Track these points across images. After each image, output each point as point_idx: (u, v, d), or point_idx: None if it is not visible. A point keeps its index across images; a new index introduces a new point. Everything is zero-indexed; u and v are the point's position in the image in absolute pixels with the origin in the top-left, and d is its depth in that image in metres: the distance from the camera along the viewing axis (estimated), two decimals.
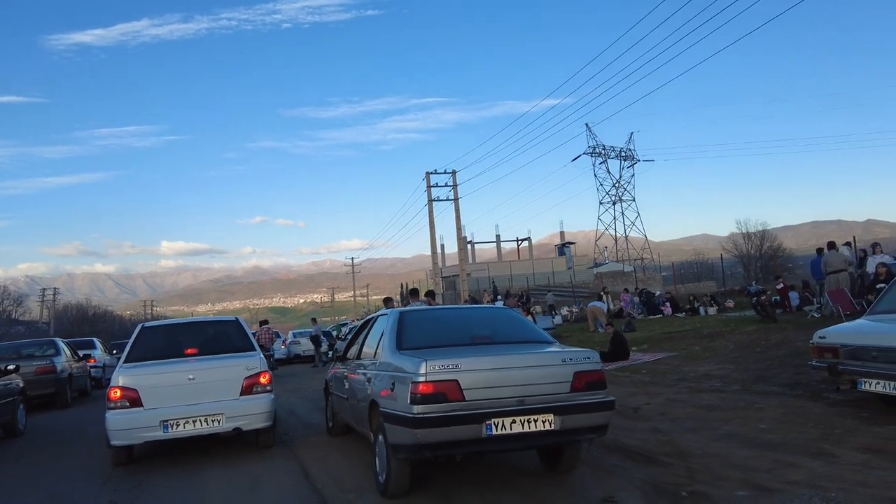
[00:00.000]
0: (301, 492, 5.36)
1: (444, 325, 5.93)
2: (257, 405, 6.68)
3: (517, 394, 4.59)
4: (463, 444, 4.50)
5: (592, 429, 4.80)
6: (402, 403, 4.59)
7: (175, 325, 7.94)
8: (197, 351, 7.11)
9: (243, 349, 7.18)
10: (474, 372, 4.55)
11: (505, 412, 4.52)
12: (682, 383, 9.66)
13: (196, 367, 6.66)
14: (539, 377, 4.70)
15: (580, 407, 4.69)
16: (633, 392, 9.20)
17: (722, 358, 11.72)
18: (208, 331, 7.71)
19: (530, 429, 4.57)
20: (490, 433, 4.48)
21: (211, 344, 7.32)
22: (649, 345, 15.26)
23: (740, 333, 14.16)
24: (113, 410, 6.44)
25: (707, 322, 18.54)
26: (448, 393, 4.46)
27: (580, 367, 4.79)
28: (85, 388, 15.75)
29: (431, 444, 4.45)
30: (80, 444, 8.37)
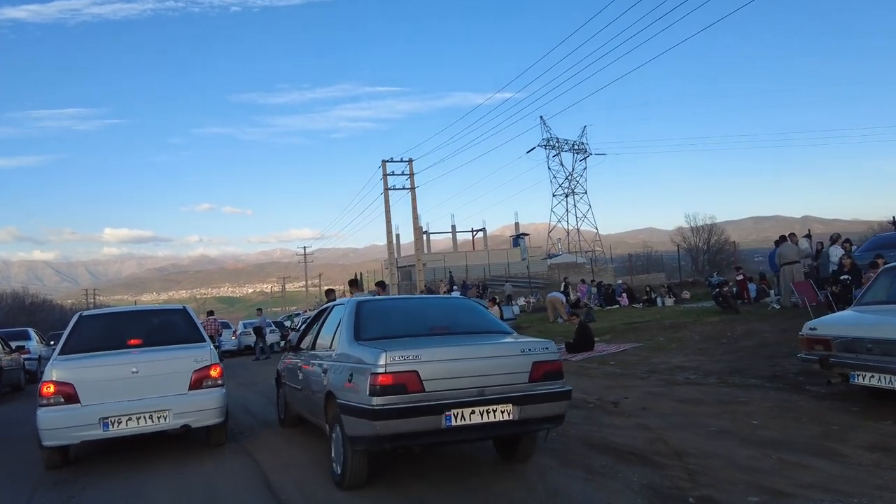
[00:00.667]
0: (262, 499, 4.73)
1: (403, 315, 5.78)
2: (208, 400, 6.09)
3: (476, 384, 4.57)
4: (423, 436, 4.46)
5: (550, 418, 4.82)
6: (360, 395, 4.49)
7: (117, 313, 7.21)
8: (141, 342, 6.42)
9: (192, 340, 6.56)
10: (434, 363, 4.49)
11: (464, 403, 4.49)
12: (654, 375, 9.39)
13: (140, 359, 6.01)
14: (498, 368, 4.68)
15: (538, 397, 4.71)
16: (608, 385, 8.87)
17: (690, 349, 11.59)
18: (153, 320, 7.01)
19: (489, 419, 4.56)
20: (449, 424, 4.45)
21: (156, 334, 6.64)
22: (612, 335, 15.11)
23: (703, 324, 14.15)
24: (45, 408, 5.71)
25: (666, 313, 18.56)
26: (408, 384, 4.40)
27: (538, 357, 4.80)
28: (18, 383, 14.55)
29: (391, 435, 4.39)
30: (8, 445, 7.50)
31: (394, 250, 45.84)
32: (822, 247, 16.60)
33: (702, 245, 54.07)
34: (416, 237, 42.61)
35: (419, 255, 42.21)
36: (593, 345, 13.11)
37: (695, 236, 55.42)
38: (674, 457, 5.16)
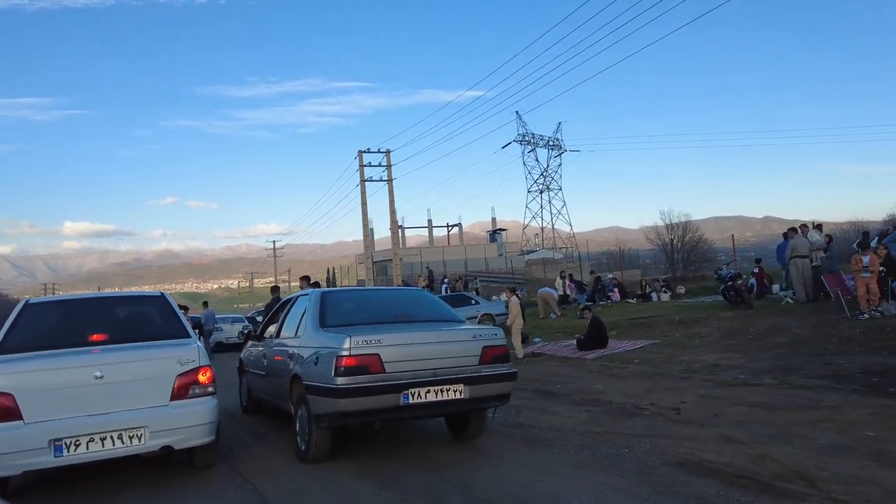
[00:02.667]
0: None
1: (365, 304, 6.37)
2: (195, 413, 4.76)
3: (432, 366, 5.11)
4: (383, 412, 4.99)
5: (497, 397, 5.41)
6: (326, 376, 4.95)
7: (75, 301, 5.67)
8: (107, 337, 5.03)
9: (174, 335, 5.20)
10: (394, 347, 5.00)
11: (421, 383, 5.02)
12: (697, 375, 8.44)
13: (106, 360, 4.62)
14: (452, 352, 5.23)
15: (487, 378, 5.29)
16: (649, 387, 7.90)
17: (717, 346, 10.82)
18: (123, 310, 5.63)
19: (443, 398, 5.12)
20: (407, 402, 4.97)
21: (128, 328, 5.28)
22: (618, 331, 14.30)
23: (718, 320, 13.40)
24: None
25: (665, 308, 17.74)
26: (370, 366, 4.90)
27: (488, 342, 5.37)
28: None
29: (354, 412, 4.90)
30: None
31: (370, 244, 44.42)
32: (831, 239, 15.85)
33: (676, 242, 53.93)
34: (393, 230, 41.23)
35: (396, 250, 40.84)
36: (607, 341, 12.12)
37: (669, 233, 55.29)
38: (803, 482, 4.04)
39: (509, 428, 6.30)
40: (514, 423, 6.50)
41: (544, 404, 7.38)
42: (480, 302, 18.82)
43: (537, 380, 9.21)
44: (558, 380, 9.09)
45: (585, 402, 7.32)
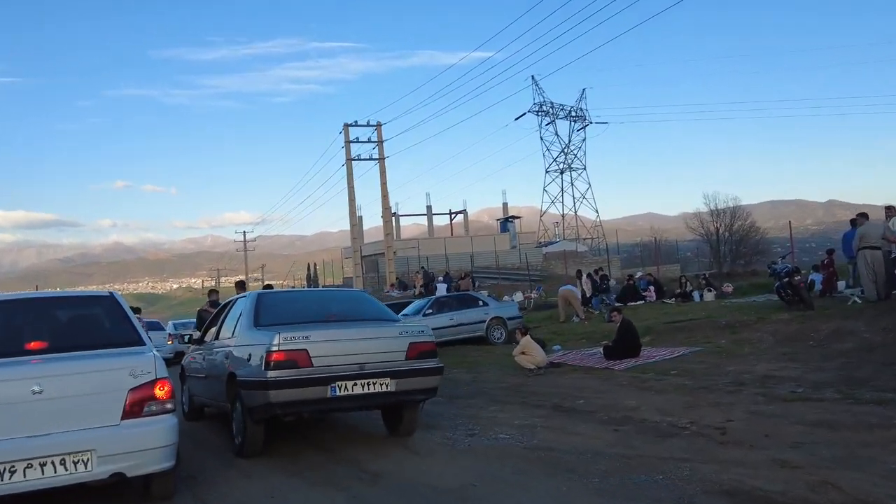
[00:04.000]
0: None
1: (299, 305, 7.84)
2: (151, 435, 4.82)
3: (359, 361, 6.38)
4: (311, 403, 6.32)
5: (424, 391, 6.78)
6: (257, 370, 6.21)
7: (7, 302, 5.65)
8: (47, 345, 5.08)
9: (126, 342, 5.27)
10: (321, 343, 6.28)
11: (348, 376, 6.30)
12: (745, 388, 8.48)
13: (46, 371, 4.66)
14: (378, 347, 6.55)
15: (413, 372, 6.58)
16: (690, 403, 7.93)
17: (770, 354, 10.91)
18: (66, 313, 5.71)
19: (370, 390, 6.40)
20: (335, 394, 6.26)
21: (71, 334, 5.36)
22: (653, 337, 14.39)
23: (772, 323, 13.44)
24: None
25: (709, 310, 17.79)
26: (299, 360, 6.14)
27: (414, 339, 6.69)
28: None
29: (283, 402, 6.16)
30: None
31: (358, 235, 44.51)
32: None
33: (723, 232, 53.91)
34: (386, 218, 41.35)
35: (389, 242, 40.94)
36: (639, 349, 12.16)
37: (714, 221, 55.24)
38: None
39: (523, 450, 6.35)
40: (529, 444, 6.54)
41: (564, 423, 7.41)
42: (489, 303, 18.85)
43: (556, 394, 9.25)
44: (581, 394, 9.12)
45: (613, 420, 7.35)
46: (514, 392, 9.84)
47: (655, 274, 27.91)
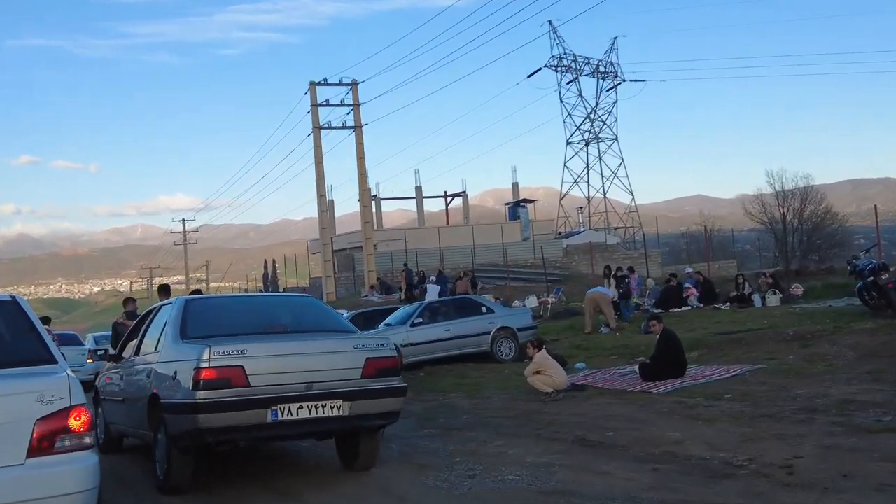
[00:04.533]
0: None
1: (234, 313, 8.20)
2: (65, 477, 4.84)
3: (305, 379, 6.70)
4: (247, 430, 6.59)
5: (383, 415, 7.14)
6: (184, 391, 6.49)
7: None
8: None
9: (32, 360, 5.30)
10: (260, 358, 6.60)
11: (292, 398, 6.60)
12: (819, 417, 8.58)
13: None
14: (328, 363, 6.88)
15: (370, 393, 6.93)
16: (748, 435, 8.06)
17: (850, 373, 10.98)
18: None
19: (318, 414, 6.70)
20: (276, 418, 6.55)
21: None
22: (702, 351, 14.56)
23: (852, 334, 13.63)
24: None
25: (773, 317, 17.92)
26: (233, 379, 6.42)
27: (372, 353, 7.06)
28: None
29: (215, 429, 6.41)
30: None
31: (328, 224, 44.60)
32: None
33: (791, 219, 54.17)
34: (364, 203, 41.49)
35: (368, 233, 41.06)
36: (684, 367, 12.22)
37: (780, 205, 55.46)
38: None
39: (537, 495, 6.38)
40: (545, 487, 6.59)
41: (590, 460, 7.46)
42: (495, 310, 18.92)
43: (580, 424, 9.29)
44: (611, 424, 9.17)
45: (651, 457, 7.39)
46: (527, 421, 9.88)
47: (706, 272, 27.96)
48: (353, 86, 39.29)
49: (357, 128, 39.58)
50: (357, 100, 39.43)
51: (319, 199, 41.28)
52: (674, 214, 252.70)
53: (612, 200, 72.20)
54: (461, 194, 61.48)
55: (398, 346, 16.77)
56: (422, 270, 37.99)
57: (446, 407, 11.82)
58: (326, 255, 42.17)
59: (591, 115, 69.82)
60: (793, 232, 53.59)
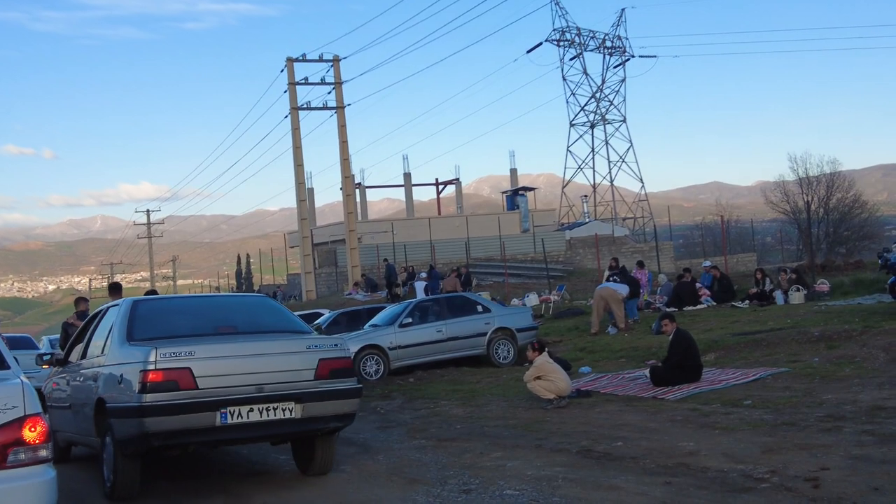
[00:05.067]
0: None
1: (183, 315, 8.62)
2: (19, 493, 4.95)
3: (256, 381, 7.19)
4: (196, 433, 7.02)
5: (338, 417, 7.66)
6: (130, 394, 6.95)
7: None
8: None
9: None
10: (209, 360, 7.08)
11: (242, 400, 7.08)
12: (846, 425, 8.65)
13: None
14: (280, 365, 7.40)
15: (324, 394, 7.44)
16: (769, 445, 8.13)
17: (882, 378, 11.08)
18: None
19: (270, 417, 7.20)
20: (226, 421, 7.00)
21: None
22: (718, 354, 14.61)
23: (883, 334, 13.73)
24: None
25: (796, 316, 17.95)
26: (180, 381, 6.86)
27: (325, 354, 7.60)
28: None
29: (162, 432, 6.87)
30: None
31: (307, 215, 44.59)
32: None
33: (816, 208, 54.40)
34: (347, 191, 41.51)
35: (352, 224, 41.11)
36: (700, 371, 12.27)
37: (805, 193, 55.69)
38: None
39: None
40: (548, 502, 6.62)
41: (596, 473, 7.48)
42: (493, 309, 18.95)
43: (585, 434, 9.34)
44: (619, 434, 9.21)
45: (664, 469, 7.43)
46: (527, 431, 9.92)
47: (722, 267, 28.03)
48: (334, 62, 39.27)
49: (339, 108, 39.54)
50: (339, 77, 39.41)
51: (298, 188, 41.27)
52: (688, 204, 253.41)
53: (619, 188, 72.39)
54: (454, 182, 61.49)
55: (386, 349, 16.88)
56: (410, 266, 38.02)
57: (439, 415, 11.84)
58: (306, 248, 42.18)
59: (597, 94, 69.90)
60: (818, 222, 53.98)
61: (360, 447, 9.92)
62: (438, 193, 62.84)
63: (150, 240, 73.93)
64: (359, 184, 53.90)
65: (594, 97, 69.87)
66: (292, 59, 39.44)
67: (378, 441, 10.22)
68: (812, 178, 55.07)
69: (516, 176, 62.31)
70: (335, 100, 39.53)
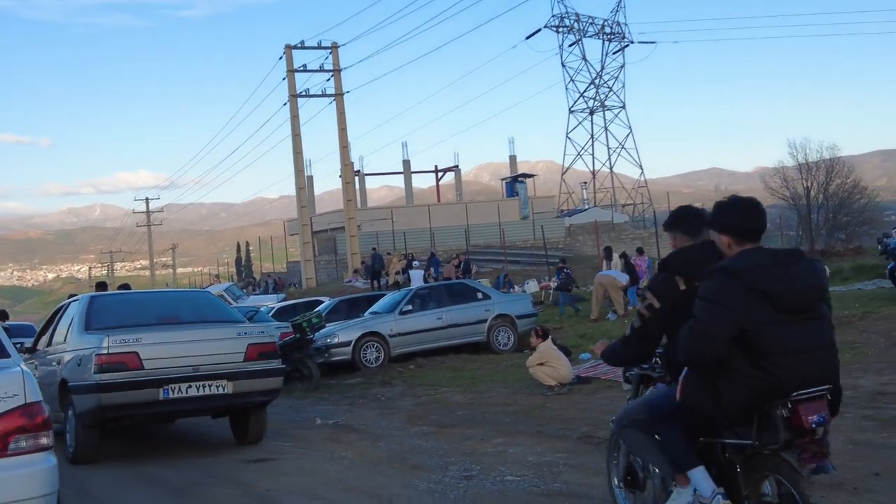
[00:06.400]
0: None
1: (134, 308, 10.37)
2: (21, 481, 4.85)
3: (193, 363, 8.66)
4: (143, 406, 8.59)
5: (264, 392, 9.17)
6: (88, 374, 8.42)
7: None
8: None
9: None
10: (152, 345, 8.57)
11: (181, 378, 8.58)
12: (846, 410, 8.41)
13: None
14: (214, 349, 8.85)
15: (252, 373, 8.95)
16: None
17: (882, 362, 11.05)
18: None
19: (206, 392, 8.71)
20: (168, 396, 8.54)
21: None
22: None
23: (884, 319, 13.81)
24: None
25: None
26: (128, 362, 8.37)
27: (253, 340, 9.11)
28: None
29: (114, 405, 8.40)
30: None
31: (307, 202, 44.55)
32: None
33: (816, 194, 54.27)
34: (346, 178, 41.46)
35: (351, 211, 41.05)
36: None
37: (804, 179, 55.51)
38: None
39: (542, 497, 6.42)
40: (548, 489, 6.62)
41: (597, 459, 7.42)
42: (492, 295, 18.94)
43: (586, 420, 9.36)
44: None
45: None
46: (528, 418, 9.94)
47: None
48: (333, 49, 39.14)
49: (338, 95, 39.45)
50: (338, 65, 39.30)
51: (297, 175, 41.22)
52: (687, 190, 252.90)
53: (619, 175, 72.18)
54: (453, 169, 61.44)
55: (386, 336, 16.86)
56: (410, 253, 37.96)
57: (439, 402, 11.86)
58: (305, 236, 42.13)
59: (596, 80, 69.68)
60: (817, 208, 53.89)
61: (361, 434, 9.96)
62: (438, 181, 62.79)
63: (149, 228, 73.82)
64: (358, 171, 53.82)
65: (593, 83, 69.67)
66: (290, 46, 39.32)
67: (379, 428, 10.23)
68: (811, 163, 54.78)
69: (515, 163, 62.24)
70: (334, 87, 39.43)
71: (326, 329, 16.43)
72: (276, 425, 10.74)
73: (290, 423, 11.31)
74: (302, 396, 13.94)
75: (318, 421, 11.19)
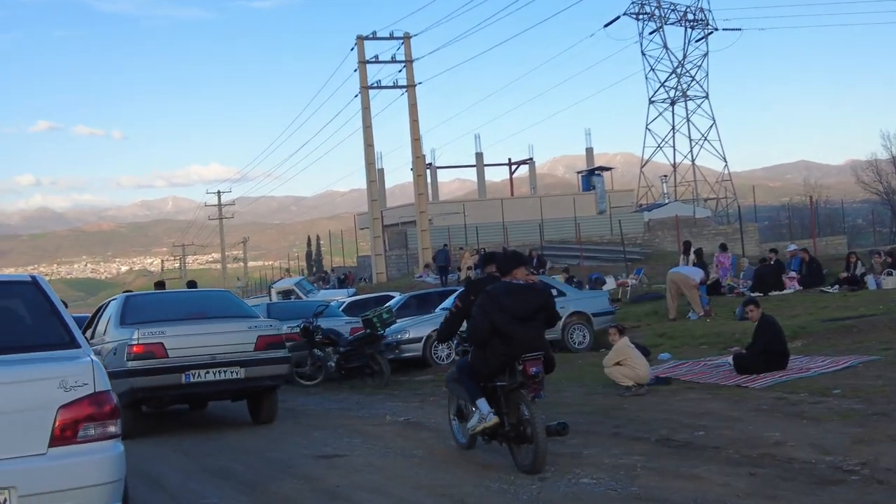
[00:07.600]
0: None
1: (162, 305, 12.45)
2: (89, 467, 5.01)
3: (210, 352, 10.59)
4: (168, 389, 10.63)
5: (272, 377, 11.12)
6: (121, 362, 10.29)
7: None
8: None
9: (53, 343, 5.48)
10: (176, 337, 10.51)
11: (200, 365, 10.48)
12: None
13: None
14: (228, 340, 10.81)
15: (261, 361, 10.90)
16: (861, 436, 7.98)
17: None
18: None
19: (222, 377, 10.61)
20: (189, 380, 10.45)
21: None
22: (806, 341, 14.55)
23: None
24: None
25: (889, 301, 17.65)
26: (156, 352, 10.31)
27: (263, 332, 11.15)
28: None
29: (144, 388, 10.34)
30: None
31: (377, 196, 44.84)
32: None
33: None
34: (418, 172, 41.67)
35: (422, 205, 41.22)
36: (786, 358, 12.07)
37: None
38: None
39: (619, 501, 6.40)
40: (625, 492, 6.59)
41: (676, 463, 7.41)
42: (568, 292, 18.87)
43: (665, 422, 9.27)
44: (700, 422, 9.14)
45: (748, 459, 7.35)
46: (604, 418, 9.89)
47: (811, 250, 27.48)
48: (405, 39, 39.33)
49: (410, 87, 39.63)
50: (409, 55, 39.47)
51: (368, 168, 41.52)
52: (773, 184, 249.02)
53: (701, 168, 71.39)
54: (527, 161, 61.32)
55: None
56: (482, 248, 37.95)
57: None
58: (376, 230, 42.46)
59: (678, 69, 69.05)
60: None
61: (432, 432, 9.99)
62: (511, 174, 62.83)
63: (220, 221, 75.06)
64: (429, 164, 54.03)
65: (675, 72, 69.03)
66: (362, 36, 39.61)
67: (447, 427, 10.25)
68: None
69: (592, 155, 61.91)
70: (406, 78, 39.62)
71: (397, 325, 16.54)
72: (346, 421, 11.07)
73: (361, 419, 11.51)
74: (372, 393, 14.10)
75: (388, 418, 11.30)
